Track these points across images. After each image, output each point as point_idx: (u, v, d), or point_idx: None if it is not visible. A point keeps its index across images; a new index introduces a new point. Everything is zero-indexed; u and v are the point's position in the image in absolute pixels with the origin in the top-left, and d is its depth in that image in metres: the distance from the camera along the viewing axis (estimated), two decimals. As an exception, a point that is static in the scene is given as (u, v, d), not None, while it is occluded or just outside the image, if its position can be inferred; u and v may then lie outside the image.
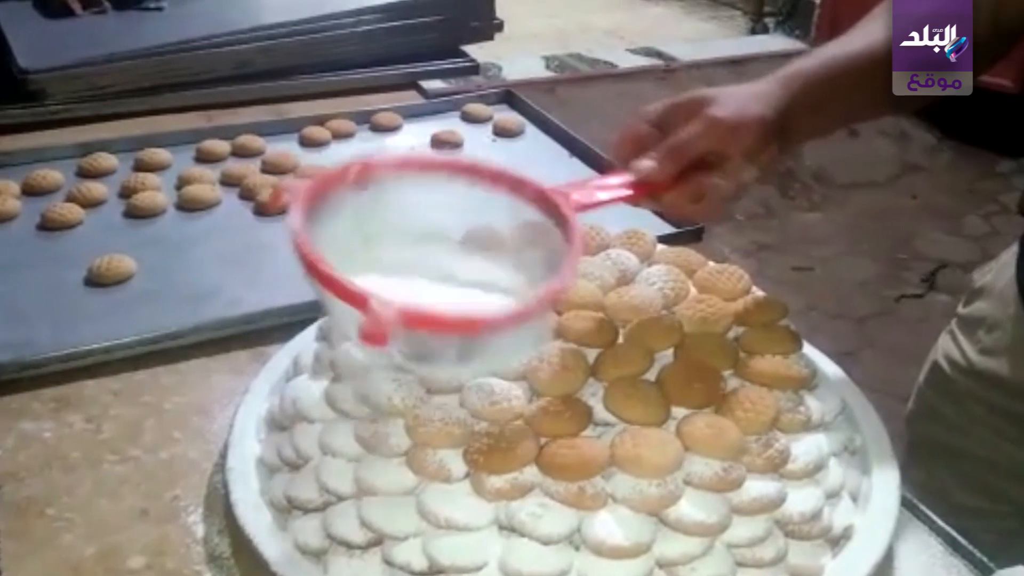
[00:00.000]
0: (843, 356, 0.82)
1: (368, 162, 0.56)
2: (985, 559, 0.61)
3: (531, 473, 0.55)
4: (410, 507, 0.56)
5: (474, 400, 0.58)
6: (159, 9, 1.44)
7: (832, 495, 0.60)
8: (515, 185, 0.58)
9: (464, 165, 0.58)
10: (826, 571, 0.57)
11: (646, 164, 0.62)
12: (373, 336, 0.44)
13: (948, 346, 0.90)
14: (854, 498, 0.62)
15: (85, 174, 1.10)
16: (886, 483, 0.63)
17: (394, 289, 0.47)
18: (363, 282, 0.46)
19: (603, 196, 0.61)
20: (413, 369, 0.58)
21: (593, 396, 0.60)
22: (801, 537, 0.58)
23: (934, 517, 0.65)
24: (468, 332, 0.48)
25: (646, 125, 0.66)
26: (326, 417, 0.61)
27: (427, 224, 0.57)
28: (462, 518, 0.54)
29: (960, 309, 0.90)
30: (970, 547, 0.62)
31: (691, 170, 0.63)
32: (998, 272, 0.86)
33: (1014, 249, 0.82)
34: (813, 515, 0.58)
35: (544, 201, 0.57)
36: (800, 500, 0.58)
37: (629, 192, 0.63)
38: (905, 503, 0.64)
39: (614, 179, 0.64)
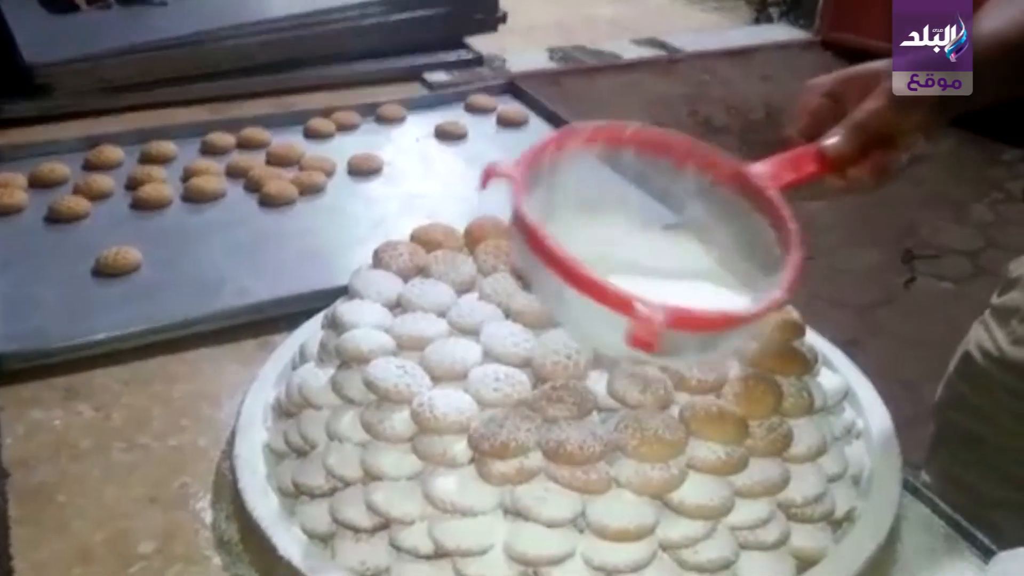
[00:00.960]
0: (847, 344, 0.82)
1: (564, 134, 0.55)
2: (987, 541, 0.61)
3: (536, 458, 0.55)
4: (416, 492, 0.56)
5: (479, 386, 0.58)
6: (163, 4, 1.45)
7: (835, 479, 0.60)
8: (706, 163, 0.58)
9: (656, 139, 0.58)
10: (829, 553, 0.58)
11: (834, 141, 0.62)
12: (643, 341, 0.44)
13: (981, 336, 0.89)
14: (857, 481, 0.63)
15: (91, 167, 1.10)
16: (889, 466, 0.64)
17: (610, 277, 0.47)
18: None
19: (793, 175, 0.61)
20: (652, 362, 0.58)
21: (597, 382, 0.60)
22: (804, 520, 0.58)
23: (937, 500, 0.65)
24: (725, 329, 0.49)
25: (821, 98, 0.66)
26: (332, 404, 0.62)
27: (609, 197, 0.58)
28: (467, 502, 0.55)
29: (994, 299, 0.90)
30: (972, 529, 0.63)
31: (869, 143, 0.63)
32: None
33: None
34: (816, 498, 0.58)
35: (738, 180, 0.57)
36: (803, 483, 0.58)
37: (815, 168, 0.62)
38: (908, 486, 0.65)
39: (795, 155, 0.63)
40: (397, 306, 0.68)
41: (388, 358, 0.61)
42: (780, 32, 4.30)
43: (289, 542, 0.57)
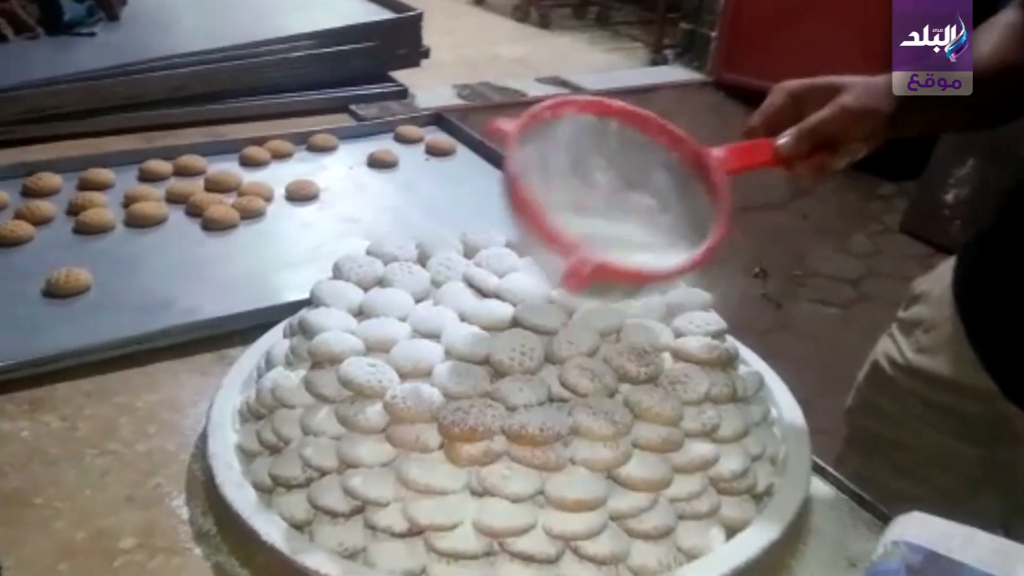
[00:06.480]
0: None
1: (561, 101, 0.66)
2: (885, 510, 0.70)
3: (500, 441, 0.62)
4: (390, 477, 0.62)
5: (444, 381, 0.65)
6: (91, 35, 1.46)
7: (756, 458, 0.69)
8: (674, 141, 0.69)
9: (636, 115, 0.70)
10: (753, 522, 0.66)
11: (787, 141, 0.71)
12: (573, 284, 0.57)
13: (888, 346, 0.98)
14: (774, 461, 0.71)
15: (30, 193, 1.12)
16: (800, 449, 0.72)
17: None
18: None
19: (743, 163, 0.71)
20: (586, 299, 0.70)
21: (550, 375, 0.67)
22: (731, 493, 0.66)
23: (841, 478, 0.74)
24: (641, 283, 0.64)
25: (786, 98, 0.74)
26: (305, 402, 0.67)
27: (590, 162, 0.68)
28: (438, 483, 0.61)
29: (900, 313, 0.98)
30: (873, 501, 0.72)
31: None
32: (935, 280, 0.94)
33: (951, 261, 0.92)
34: (741, 474, 0.66)
35: (696, 160, 0.67)
36: (730, 461, 0.66)
37: (765, 160, 0.72)
38: (816, 468, 0.74)
39: (751, 145, 0.73)
40: (360, 313, 0.74)
41: (359, 358, 0.67)
42: (676, 73, 4.53)
43: (270, 529, 0.62)
